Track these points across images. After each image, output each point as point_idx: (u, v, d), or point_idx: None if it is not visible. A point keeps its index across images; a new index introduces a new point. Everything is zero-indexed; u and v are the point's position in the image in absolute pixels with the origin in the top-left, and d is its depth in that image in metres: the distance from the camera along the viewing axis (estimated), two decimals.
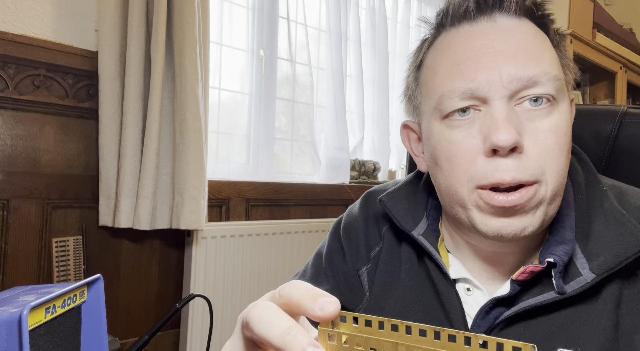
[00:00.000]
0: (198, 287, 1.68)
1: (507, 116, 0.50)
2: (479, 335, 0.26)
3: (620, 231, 0.53)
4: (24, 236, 1.44)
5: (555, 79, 0.52)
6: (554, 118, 0.52)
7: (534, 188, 0.51)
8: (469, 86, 0.52)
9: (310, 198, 2.11)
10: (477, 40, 0.53)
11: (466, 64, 0.53)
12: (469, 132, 0.53)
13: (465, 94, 0.53)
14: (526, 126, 0.51)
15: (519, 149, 0.50)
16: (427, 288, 0.63)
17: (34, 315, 0.50)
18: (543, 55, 0.53)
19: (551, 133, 0.51)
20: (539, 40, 0.54)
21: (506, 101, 0.51)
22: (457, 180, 0.54)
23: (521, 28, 0.54)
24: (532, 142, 0.51)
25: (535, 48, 0.53)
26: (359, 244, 0.72)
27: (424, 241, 0.62)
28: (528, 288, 0.56)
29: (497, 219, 0.53)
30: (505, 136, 0.49)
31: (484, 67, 0.52)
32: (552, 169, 0.51)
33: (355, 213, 0.74)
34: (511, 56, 0.52)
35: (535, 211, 0.52)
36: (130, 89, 1.48)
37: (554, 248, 0.54)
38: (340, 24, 2.21)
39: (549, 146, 0.51)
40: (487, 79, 0.51)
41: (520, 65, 0.51)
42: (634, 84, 3.22)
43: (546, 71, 0.52)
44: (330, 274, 0.73)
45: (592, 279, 0.52)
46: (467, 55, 0.53)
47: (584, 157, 0.63)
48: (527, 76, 0.51)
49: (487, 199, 0.52)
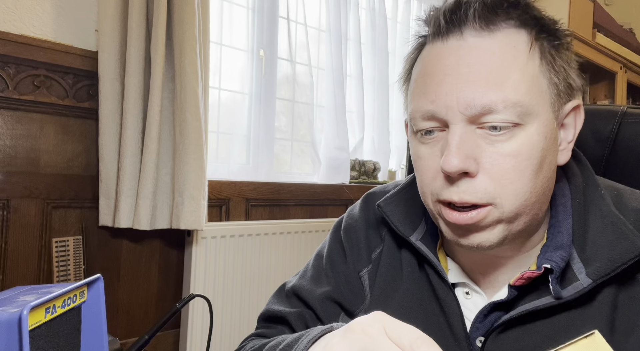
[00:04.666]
0: (198, 287, 1.68)
1: (459, 143, 0.51)
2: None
3: (617, 236, 0.53)
4: (24, 236, 1.44)
5: (515, 106, 0.50)
6: (516, 143, 0.51)
7: (486, 209, 0.52)
8: (429, 107, 0.53)
9: (310, 198, 2.11)
10: (444, 60, 0.53)
11: (430, 85, 0.53)
12: (432, 150, 0.54)
13: (426, 115, 0.53)
14: (484, 149, 0.51)
15: (471, 174, 0.51)
16: (427, 292, 0.63)
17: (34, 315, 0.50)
18: (508, 78, 0.50)
19: (510, 158, 0.51)
20: (508, 59, 0.51)
21: (464, 124, 0.51)
22: (424, 192, 0.57)
23: (491, 47, 0.51)
24: (488, 166, 0.51)
25: (500, 70, 0.50)
26: (360, 246, 0.71)
27: (422, 247, 0.62)
28: (525, 293, 0.56)
29: (454, 233, 0.55)
30: (453, 162, 0.50)
31: (443, 90, 0.51)
32: (508, 193, 0.51)
33: (355, 215, 0.74)
34: (471, 80, 0.50)
35: (492, 229, 0.53)
36: (130, 89, 1.48)
37: (550, 254, 0.54)
38: (340, 24, 2.21)
39: (505, 170, 0.51)
40: (444, 103, 0.51)
41: (478, 91, 0.50)
42: (634, 84, 3.22)
43: (505, 97, 0.50)
44: (331, 275, 0.72)
45: (588, 285, 0.52)
46: (432, 75, 0.53)
47: (583, 160, 0.62)
48: (482, 103, 0.50)
49: (444, 214, 0.54)
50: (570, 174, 0.61)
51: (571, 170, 0.61)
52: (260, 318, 0.76)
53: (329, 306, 0.70)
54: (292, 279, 0.78)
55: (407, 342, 0.36)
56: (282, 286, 0.78)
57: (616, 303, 0.54)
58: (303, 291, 0.72)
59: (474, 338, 0.58)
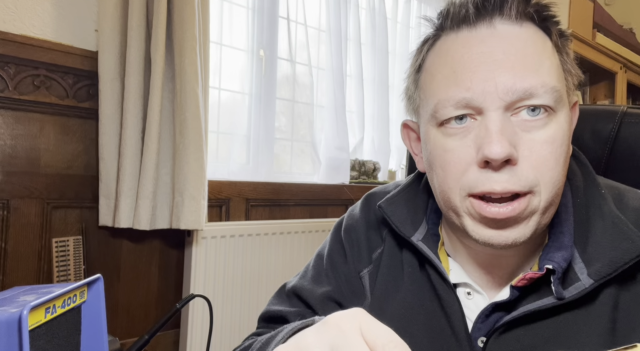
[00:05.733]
0: (198, 287, 1.68)
1: (501, 128, 0.50)
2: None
3: (618, 236, 0.53)
4: (24, 236, 1.44)
5: (553, 91, 0.51)
6: (551, 129, 0.51)
7: (527, 198, 0.51)
8: (464, 95, 0.52)
9: (310, 198, 2.11)
10: (476, 47, 0.52)
11: (462, 73, 0.52)
12: (463, 141, 0.53)
13: (459, 103, 0.52)
14: (522, 136, 0.51)
15: (512, 162, 0.50)
16: (429, 292, 0.63)
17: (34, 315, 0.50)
18: (542, 65, 0.51)
19: (547, 144, 0.51)
20: (539, 48, 0.52)
21: (502, 112, 0.51)
22: (450, 187, 0.54)
23: (521, 36, 0.52)
24: (527, 153, 0.50)
25: (535, 57, 0.51)
26: (360, 246, 0.71)
27: (424, 247, 0.62)
28: (527, 293, 0.56)
29: (488, 229, 0.53)
30: (497, 149, 0.49)
31: (480, 77, 0.51)
32: (547, 180, 0.51)
33: (356, 215, 0.74)
34: (508, 66, 0.50)
35: (527, 221, 0.52)
36: (130, 89, 1.48)
37: (552, 254, 0.55)
38: (340, 24, 2.21)
39: (544, 157, 0.50)
40: (482, 89, 0.51)
41: (517, 76, 0.50)
42: (634, 84, 3.22)
43: (544, 82, 0.50)
44: (331, 275, 0.72)
45: (590, 285, 0.52)
46: (464, 63, 0.52)
47: (583, 160, 0.62)
48: (524, 87, 0.50)
49: (478, 209, 0.52)
50: (571, 173, 0.60)
51: (572, 170, 0.61)
52: (261, 318, 0.76)
53: (329, 306, 0.70)
54: (293, 279, 0.78)
55: (380, 344, 0.34)
56: (282, 286, 0.78)
57: (617, 303, 0.54)
58: (303, 291, 0.72)
59: (475, 338, 0.58)
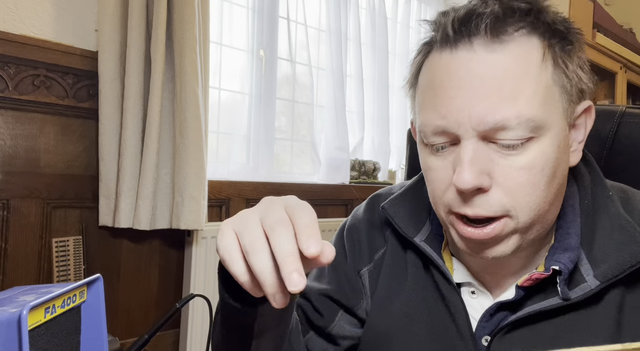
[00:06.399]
0: (198, 287, 1.68)
1: (472, 158, 0.50)
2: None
3: (625, 238, 0.53)
4: (24, 236, 1.44)
5: (528, 122, 0.49)
6: (530, 155, 0.50)
7: (502, 221, 0.51)
8: (440, 122, 0.51)
9: (310, 198, 2.11)
10: (455, 72, 0.51)
11: (441, 98, 0.51)
12: (444, 163, 0.53)
13: (436, 130, 0.52)
14: (498, 162, 0.50)
15: (484, 189, 0.50)
16: (433, 292, 0.63)
17: (33, 314, 0.50)
18: (521, 92, 0.49)
19: (524, 171, 0.50)
20: (520, 70, 0.49)
21: (476, 140, 0.50)
22: (435, 202, 0.57)
23: (502, 59, 0.49)
24: (502, 180, 0.50)
25: (514, 82, 0.49)
26: (361, 245, 0.72)
27: (426, 248, 0.62)
28: (532, 293, 0.56)
29: (468, 246, 0.55)
30: (465, 179, 0.49)
31: (455, 106, 0.50)
32: (522, 205, 0.51)
33: (359, 215, 0.75)
34: (483, 95, 0.49)
35: (507, 240, 0.53)
36: (130, 89, 1.48)
37: (559, 255, 0.55)
38: (340, 24, 2.20)
39: (519, 183, 0.50)
40: (456, 119, 0.50)
41: (489, 107, 0.49)
42: (634, 84, 3.21)
43: (519, 113, 0.48)
44: (332, 274, 0.73)
45: (596, 286, 0.52)
46: (443, 88, 0.51)
47: (591, 160, 0.62)
48: (495, 120, 0.48)
49: (457, 228, 0.54)
50: (579, 174, 0.60)
51: (579, 171, 0.61)
52: None
53: (324, 302, 0.71)
54: None
55: (272, 220, 0.40)
56: None
57: (623, 305, 0.54)
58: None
59: (479, 338, 0.58)
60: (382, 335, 0.66)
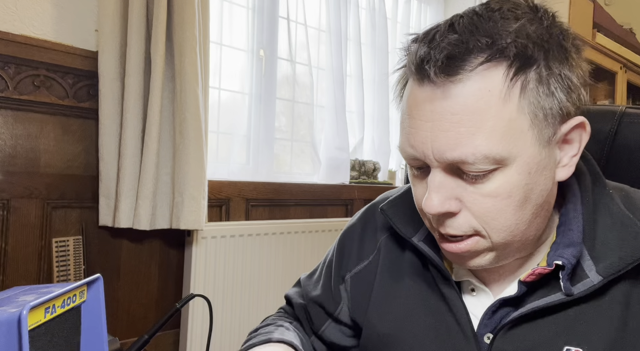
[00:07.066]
0: (198, 287, 1.68)
1: (438, 186, 0.52)
2: None
3: (627, 234, 0.54)
4: (24, 236, 1.44)
5: (484, 158, 0.49)
6: (493, 184, 0.51)
7: (474, 239, 0.54)
8: (410, 151, 0.54)
9: (310, 198, 2.11)
10: (421, 105, 0.52)
11: (410, 129, 0.53)
12: (421, 183, 0.56)
13: (409, 156, 0.55)
14: (465, 188, 0.52)
15: (451, 214, 0.53)
16: (433, 291, 0.64)
17: (33, 314, 0.50)
18: (479, 128, 0.49)
19: (489, 198, 0.51)
20: (480, 106, 0.49)
21: (443, 169, 0.52)
22: (421, 212, 0.59)
23: (462, 95, 0.49)
24: (470, 205, 0.52)
25: (472, 120, 0.49)
26: (351, 251, 0.74)
27: (424, 247, 0.63)
28: (534, 289, 0.56)
29: (449, 257, 0.59)
30: (431, 206, 0.52)
31: (420, 139, 0.52)
32: (492, 227, 0.53)
33: (353, 223, 0.78)
34: (442, 132, 0.50)
35: (483, 255, 0.55)
36: (130, 89, 1.48)
37: (562, 251, 0.55)
38: (340, 24, 2.21)
39: (486, 209, 0.52)
40: (421, 150, 0.52)
41: (448, 144, 0.50)
42: (634, 84, 3.21)
43: (475, 150, 0.49)
44: (324, 281, 0.77)
45: (599, 282, 0.53)
46: (413, 119, 0.53)
47: (590, 159, 0.63)
48: (453, 156, 0.50)
49: (438, 241, 0.58)
50: (580, 173, 0.61)
51: (580, 169, 0.61)
52: (285, 296, 0.84)
53: (315, 309, 0.76)
54: (302, 277, 0.84)
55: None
56: (304, 275, 0.85)
57: (629, 302, 0.54)
58: (304, 291, 0.80)
59: (481, 335, 0.59)
60: (384, 338, 0.66)
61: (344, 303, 0.74)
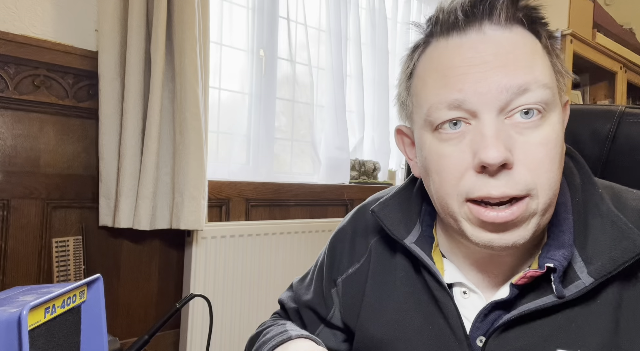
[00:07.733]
0: (198, 287, 1.68)
1: (496, 133, 0.50)
2: None
3: (617, 234, 0.54)
4: (24, 236, 1.44)
5: (546, 87, 0.51)
6: (545, 131, 0.51)
7: (525, 201, 0.51)
8: (456, 96, 0.51)
9: (310, 198, 2.11)
10: (466, 52, 0.52)
11: (454, 76, 0.52)
12: (458, 147, 0.52)
13: (452, 105, 0.52)
14: (516, 139, 0.51)
15: (509, 166, 0.50)
16: (425, 294, 0.63)
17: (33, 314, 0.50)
18: (534, 64, 0.51)
19: (542, 146, 0.51)
20: (529, 49, 0.52)
21: (495, 115, 0.51)
22: (447, 193, 0.54)
23: (511, 39, 0.52)
24: (522, 156, 0.50)
25: (526, 56, 0.51)
26: (342, 255, 0.74)
27: (416, 249, 0.62)
28: (526, 292, 0.56)
29: (488, 232, 0.53)
30: (493, 154, 0.49)
31: (472, 78, 0.51)
32: (543, 182, 0.51)
33: (344, 226, 0.77)
34: (500, 66, 0.50)
35: (527, 223, 0.52)
36: (130, 89, 1.48)
37: (553, 253, 0.55)
38: (340, 24, 2.21)
39: (539, 159, 0.50)
40: (474, 90, 0.50)
41: (509, 73, 0.50)
42: (634, 84, 3.21)
43: (537, 78, 0.51)
44: (316, 285, 0.77)
45: (590, 283, 0.52)
46: (455, 67, 0.52)
47: (579, 159, 0.62)
48: (517, 84, 0.50)
49: (477, 213, 0.52)
50: (569, 173, 0.61)
51: (569, 169, 0.61)
52: (279, 301, 0.84)
53: (307, 313, 0.76)
54: (294, 281, 0.83)
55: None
56: (296, 278, 0.85)
57: (620, 303, 0.54)
58: (296, 295, 0.80)
59: (474, 338, 0.58)
60: (376, 342, 0.66)
61: (335, 307, 0.73)
